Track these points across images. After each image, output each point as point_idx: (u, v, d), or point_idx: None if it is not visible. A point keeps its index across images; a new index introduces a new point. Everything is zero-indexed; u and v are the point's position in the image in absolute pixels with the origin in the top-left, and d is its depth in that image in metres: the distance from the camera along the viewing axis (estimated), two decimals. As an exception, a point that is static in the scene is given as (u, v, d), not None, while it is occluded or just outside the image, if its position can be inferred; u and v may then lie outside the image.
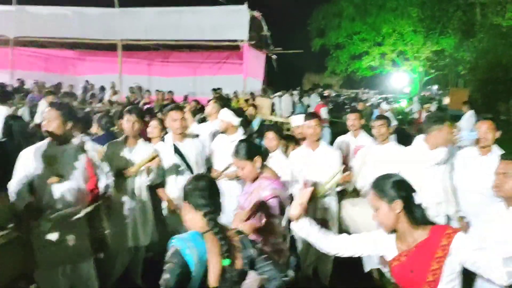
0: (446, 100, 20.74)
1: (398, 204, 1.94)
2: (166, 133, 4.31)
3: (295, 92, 17.42)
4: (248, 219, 2.75)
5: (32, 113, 8.31)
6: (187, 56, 16.10)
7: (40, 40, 14.01)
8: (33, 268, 2.88)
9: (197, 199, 1.86)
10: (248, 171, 2.74)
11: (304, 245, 3.96)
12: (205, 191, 1.87)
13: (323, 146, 3.95)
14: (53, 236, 2.83)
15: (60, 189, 3.02)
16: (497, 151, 3.42)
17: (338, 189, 3.90)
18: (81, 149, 3.22)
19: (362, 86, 32.07)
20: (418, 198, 2.01)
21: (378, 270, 4.00)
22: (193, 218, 1.87)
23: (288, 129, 10.69)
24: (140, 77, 15.43)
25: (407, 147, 3.77)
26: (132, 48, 14.42)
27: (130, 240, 3.70)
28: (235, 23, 11.46)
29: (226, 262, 1.80)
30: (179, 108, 4.08)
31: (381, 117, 4.37)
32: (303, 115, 4.54)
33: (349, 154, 4.83)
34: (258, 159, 2.74)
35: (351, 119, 4.84)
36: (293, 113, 14.44)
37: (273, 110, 13.40)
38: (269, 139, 4.08)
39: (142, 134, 4.08)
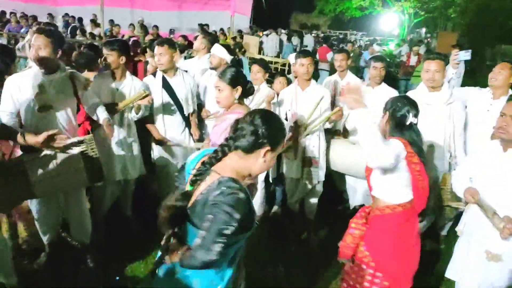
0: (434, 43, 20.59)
1: None
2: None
3: (283, 32, 17.02)
4: None
5: (10, 45, 7.97)
6: (173, -11, 15.32)
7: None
8: (29, 196, 2.93)
9: None
10: (226, 95, 2.74)
11: (293, 181, 4.10)
12: None
13: (313, 85, 3.96)
14: (46, 167, 2.85)
15: (49, 120, 3.01)
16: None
17: (328, 126, 3.96)
18: (70, 78, 3.17)
19: (350, 28, 31.38)
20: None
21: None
22: None
23: (276, 69, 10.61)
24: (122, 9, 14.75)
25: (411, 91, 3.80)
26: (114, -22, 13.60)
27: (118, 173, 3.76)
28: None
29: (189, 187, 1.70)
30: (164, 42, 3.94)
31: (381, 58, 4.28)
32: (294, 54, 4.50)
33: (336, 95, 4.88)
34: (239, 89, 2.75)
35: (338, 60, 4.82)
36: (280, 53, 14.26)
37: (261, 49, 13.15)
38: (254, 73, 4.08)
39: (130, 68, 3.99)
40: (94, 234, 3.54)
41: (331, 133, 4.23)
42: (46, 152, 2.86)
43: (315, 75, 4.95)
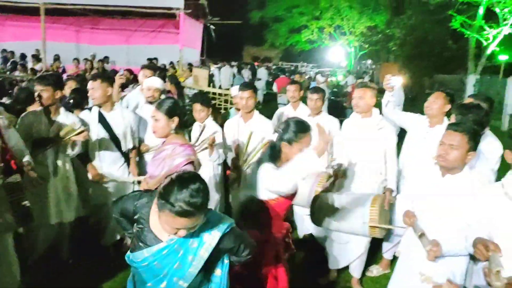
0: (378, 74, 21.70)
1: None
2: None
3: (234, 64, 17.29)
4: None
5: None
6: (120, 23, 15.19)
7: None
8: None
9: None
10: (162, 126, 2.68)
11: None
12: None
13: (257, 117, 3.96)
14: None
15: None
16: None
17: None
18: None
19: (300, 60, 32.53)
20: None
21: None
22: None
23: (226, 101, 10.65)
24: (67, 44, 14.44)
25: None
26: (58, 12, 13.32)
27: (53, 216, 3.53)
28: (170, -11, 10.95)
29: None
30: (97, 77, 3.84)
31: (317, 90, 4.38)
32: (238, 86, 4.53)
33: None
34: (175, 120, 2.70)
35: (291, 90, 4.87)
36: (232, 85, 14.40)
37: (212, 82, 13.21)
38: (197, 111, 4.03)
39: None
40: (26, 281, 3.27)
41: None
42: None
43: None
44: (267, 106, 11.76)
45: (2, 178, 2.86)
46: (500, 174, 2.20)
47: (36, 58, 12.24)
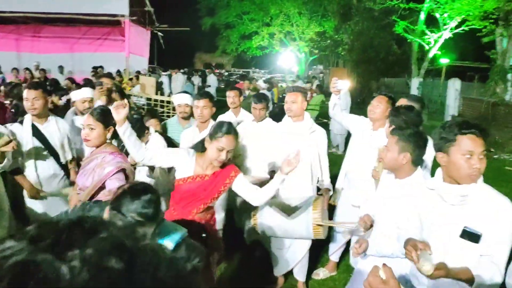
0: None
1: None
2: None
3: (181, 72, 17.12)
4: (92, 197, 2.64)
5: None
6: (63, 31, 14.60)
7: None
8: None
9: None
10: (97, 134, 2.65)
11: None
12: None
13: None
14: None
15: None
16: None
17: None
18: None
19: (252, 66, 32.78)
20: None
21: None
22: None
23: (174, 108, 10.48)
24: (7, 53, 13.71)
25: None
26: (-4, 21, 12.64)
27: None
28: (114, -4, 10.67)
29: None
30: (38, 86, 3.68)
31: (260, 99, 4.34)
32: (186, 94, 4.46)
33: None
34: (111, 129, 2.67)
35: (231, 96, 4.84)
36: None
37: (161, 89, 12.99)
38: (153, 125, 3.95)
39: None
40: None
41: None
42: None
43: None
44: (219, 113, 11.71)
45: None
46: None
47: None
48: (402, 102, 3.55)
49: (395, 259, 2.25)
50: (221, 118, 5.08)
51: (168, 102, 10.24)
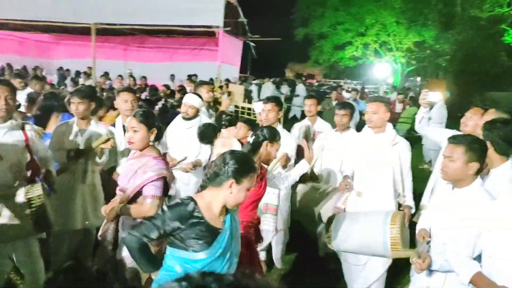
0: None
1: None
2: None
3: (270, 80, 17.40)
4: (130, 201, 2.71)
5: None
6: (164, 41, 15.89)
7: (13, 23, 13.63)
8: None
9: None
10: (141, 137, 2.69)
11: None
12: None
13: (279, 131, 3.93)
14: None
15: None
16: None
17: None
18: (20, 128, 3.17)
19: (345, 76, 32.14)
20: None
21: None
22: None
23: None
24: (115, 62, 15.21)
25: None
26: (108, 32, 14.13)
27: (79, 222, 3.66)
28: (209, 9, 11.26)
29: None
30: (131, 90, 4.05)
31: (344, 106, 4.31)
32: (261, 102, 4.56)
33: (309, 139, 4.86)
34: (154, 131, 2.72)
35: (308, 105, 4.83)
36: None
37: (250, 98, 13.35)
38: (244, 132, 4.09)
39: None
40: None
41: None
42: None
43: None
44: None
45: (25, 186, 3.04)
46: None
47: (87, 75, 12.97)
48: (492, 114, 3.20)
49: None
50: (297, 125, 5.08)
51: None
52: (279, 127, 3.96)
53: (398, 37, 24.77)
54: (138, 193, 2.69)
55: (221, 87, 11.30)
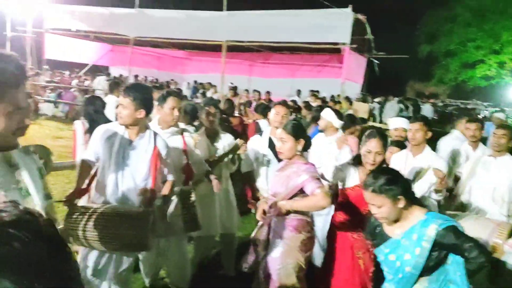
0: None
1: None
2: None
3: (396, 99, 16.64)
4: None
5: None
6: (288, 58, 16.36)
7: (154, 40, 15.27)
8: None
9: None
10: (289, 147, 2.82)
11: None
12: None
13: (427, 153, 3.69)
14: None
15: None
16: None
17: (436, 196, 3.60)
18: (180, 134, 3.47)
19: (472, 97, 29.36)
20: None
21: None
22: None
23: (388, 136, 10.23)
24: (241, 77, 16.04)
25: None
26: (235, 49, 15.00)
27: (218, 227, 3.86)
28: (337, 25, 11.22)
29: None
30: (285, 104, 4.18)
31: (504, 126, 3.96)
32: (403, 119, 4.37)
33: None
34: (301, 142, 2.82)
35: (472, 129, 4.45)
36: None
37: (373, 116, 12.96)
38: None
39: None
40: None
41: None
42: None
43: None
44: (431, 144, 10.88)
45: (180, 187, 3.30)
46: None
47: (214, 89, 13.94)
48: None
49: None
50: (456, 150, 4.68)
51: (381, 128, 10.12)
52: (427, 150, 3.71)
53: (540, 56, 22.01)
54: (293, 196, 2.80)
55: (338, 102, 11.14)
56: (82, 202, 3.00)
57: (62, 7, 15.45)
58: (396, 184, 2.18)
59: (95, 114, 4.05)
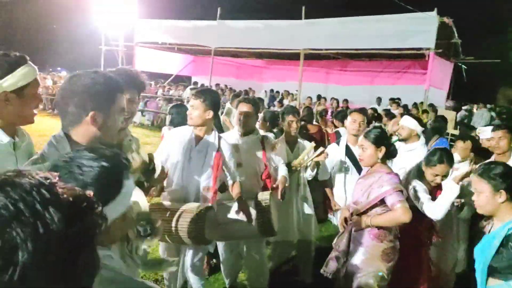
0: None
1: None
2: None
3: (486, 106, 15.43)
4: (364, 212, 2.79)
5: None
6: (366, 65, 15.94)
7: (234, 50, 15.77)
8: (215, 237, 3.24)
9: None
10: (370, 154, 2.82)
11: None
12: None
13: None
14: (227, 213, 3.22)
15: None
16: None
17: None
18: (260, 140, 3.59)
19: None
20: None
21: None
22: None
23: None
24: (318, 85, 15.98)
25: None
26: (312, 57, 14.97)
27: (295, 233, 3.91)
28: (421, 30, 10.66)
29: None
30: (362, 112, 4.16)
31: None
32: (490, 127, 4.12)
33: None
34: (382, 149, 2.79)
35: None
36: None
37: (462, 124, 12.13)
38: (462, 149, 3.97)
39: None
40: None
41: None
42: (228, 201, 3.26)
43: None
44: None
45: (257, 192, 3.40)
46: None
47: (291, 96, 14.05)
48: None
49: None
50: None
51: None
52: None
53: None
54: (374, 206, 2.80)
55: (425, 111, 10.60)
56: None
57: (151, 22, 16.60)
58: (502, 178, 2.14)
59: (181, 121, 4.33)
